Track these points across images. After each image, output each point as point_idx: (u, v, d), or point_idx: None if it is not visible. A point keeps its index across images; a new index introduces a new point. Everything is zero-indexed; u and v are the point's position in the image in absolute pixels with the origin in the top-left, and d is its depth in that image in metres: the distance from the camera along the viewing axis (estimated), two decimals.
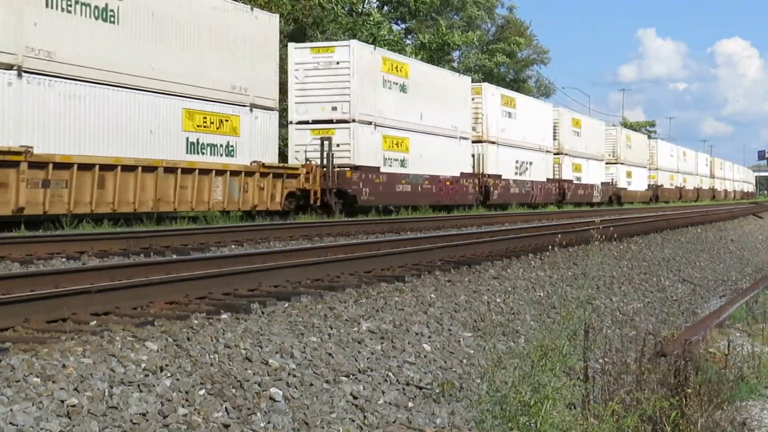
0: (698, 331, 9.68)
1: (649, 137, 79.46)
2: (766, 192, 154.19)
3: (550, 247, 10.70)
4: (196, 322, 6.05)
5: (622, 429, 5.17)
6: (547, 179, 41.44)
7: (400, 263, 10.30)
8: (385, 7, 49.17)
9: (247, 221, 19.80)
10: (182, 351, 5.39)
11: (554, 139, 43.11)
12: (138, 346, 5.26)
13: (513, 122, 37.03)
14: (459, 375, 6.88)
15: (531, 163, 39.08)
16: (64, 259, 10.48)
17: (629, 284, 13.46)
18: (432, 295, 8.59)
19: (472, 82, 34.82)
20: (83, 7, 16.95)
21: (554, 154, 43.22)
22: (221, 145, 20.72)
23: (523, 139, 37.94)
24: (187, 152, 19.57)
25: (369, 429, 5.59)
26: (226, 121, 20.88)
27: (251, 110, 21.76)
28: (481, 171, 34.12)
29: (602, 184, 50.36)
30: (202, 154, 20.06)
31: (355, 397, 5.83)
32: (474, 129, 33.63)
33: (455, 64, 52.87)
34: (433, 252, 11.48)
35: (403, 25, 52.82)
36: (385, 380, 6.26)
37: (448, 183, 30.72)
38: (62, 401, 4.43)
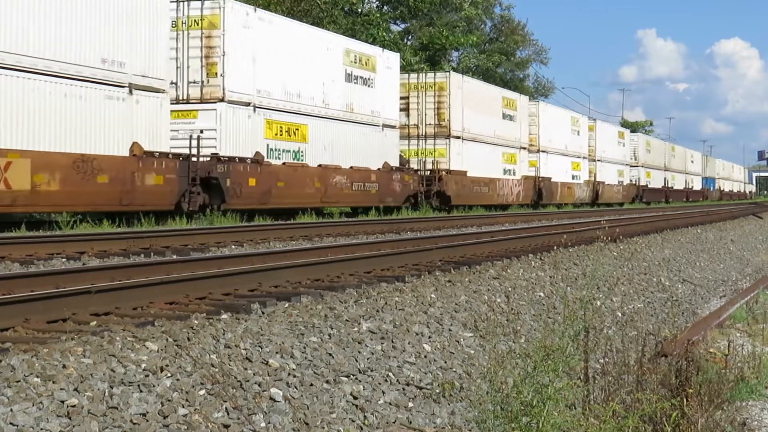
0: (699, 331, 9.67)
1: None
2: (766, 192, 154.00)
3: (554, 247, 10.70)
4: (196, 322, 6.04)
5: (622, 429, 5.16)
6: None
7: (400, 263, 10.29)
8: (385, 7, 49.22)
9: (247, 221, 19.79)
10: (182, 351, 5.38)
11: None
12: (138, 347, 5.25)
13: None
14: (459, 375, 6.87)
15: None
16: (64, 260, 10.47)
17: (629, 284, 13.45)
18: (432, 296, 8.58)
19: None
20: None
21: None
22: None
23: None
24: None
25: (369, 429, 5.58)
26: None
27: None
28: None
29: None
30: None
31: (355, 397, 5.82)
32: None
33: (454, 65, 52.91)
34: (433, 252, 11.47)
35: (403, 25, 52.87)
36: (386, 380, 6.25)
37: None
38: (62, 401, 4.42)
